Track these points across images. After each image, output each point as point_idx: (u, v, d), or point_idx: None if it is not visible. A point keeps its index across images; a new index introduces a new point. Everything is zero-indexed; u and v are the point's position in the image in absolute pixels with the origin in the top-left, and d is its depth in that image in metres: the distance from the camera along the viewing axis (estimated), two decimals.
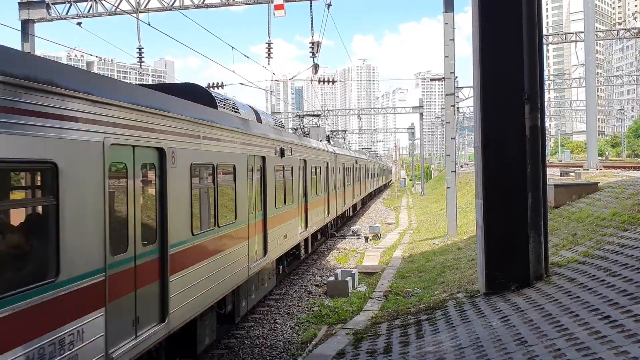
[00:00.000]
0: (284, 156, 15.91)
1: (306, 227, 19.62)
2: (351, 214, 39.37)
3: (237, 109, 13.38)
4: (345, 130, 67.30)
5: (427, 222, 34.78)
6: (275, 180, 15.10)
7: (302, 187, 19.01)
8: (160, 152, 8.25)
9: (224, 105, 12.56)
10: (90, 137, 6.43)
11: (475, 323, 9.02)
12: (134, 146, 7.50)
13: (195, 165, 9.51)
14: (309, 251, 21.54)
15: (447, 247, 21.45)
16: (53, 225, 5.82)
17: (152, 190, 8.19)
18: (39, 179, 5.96)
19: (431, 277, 15.83)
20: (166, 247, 8.25)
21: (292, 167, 17.24)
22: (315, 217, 21.21)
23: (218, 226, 10.46)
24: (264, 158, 13.91)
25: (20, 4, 24.15)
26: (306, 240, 20.31)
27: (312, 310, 14.56)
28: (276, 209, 15.04)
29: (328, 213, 24.91)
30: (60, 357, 5.79)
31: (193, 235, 9.27)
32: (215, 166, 10.43)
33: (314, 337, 11.98)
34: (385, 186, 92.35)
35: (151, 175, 8.13)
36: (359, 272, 18.33)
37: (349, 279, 16.46)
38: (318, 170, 22.56)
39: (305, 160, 19.59)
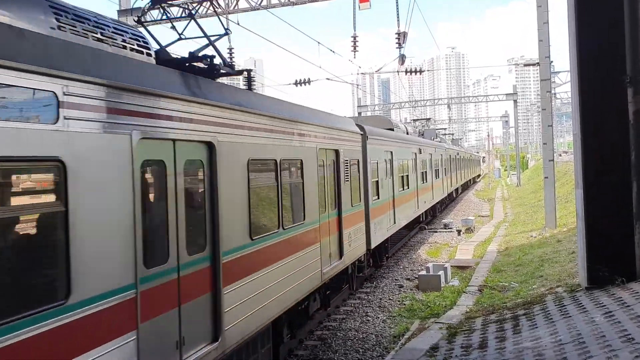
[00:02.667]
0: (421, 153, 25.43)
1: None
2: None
3: (399, 127, 24.81)
4: (445, 128, 75.44)
5: (523, 214, 33.55)
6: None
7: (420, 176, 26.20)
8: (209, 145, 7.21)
9: (397, 127, 24.18)
10: (115, 130, 5.46)
11: (576, 318, 8.62)
12: (174, 140, 6.45)
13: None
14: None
15: (545, 239, 20.61)
16: (62, 234, 4.77)
17: (199, 190, 7.15)
18: (43, 178, 4.87)
19: (528, 271, 15.29)
20: (218, 255, 7.19)
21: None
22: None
23: (425, 181, 20.21)
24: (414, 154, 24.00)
25: (119, 12, 25.58)
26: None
27: (404, 304, 14.47)
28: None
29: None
30: None
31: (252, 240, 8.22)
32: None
33: (406, 330, 11.90)
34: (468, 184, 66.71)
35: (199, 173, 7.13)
36: (451, 266, 18.00)
37: (441, 272, 16.21)
38: (436, 162, 31.67)
39: (431, 154, 29.21)
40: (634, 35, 10.15)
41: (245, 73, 9.98)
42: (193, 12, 11.58)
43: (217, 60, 8.45)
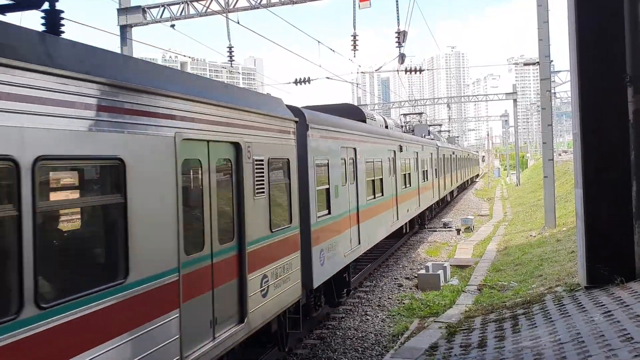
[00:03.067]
0: (402, 151, 20.82)
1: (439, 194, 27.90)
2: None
3: (374, 118, 19.32)
4: (441, 125, 71.28)
5: (523, 213, 33.55)
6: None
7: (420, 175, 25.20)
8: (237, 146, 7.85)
9: (372, 118, 18.16)
10: (161, 132, 6.13)
11: (575, 318, 8.62)
12: (208, 141, 7.11)
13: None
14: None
15: (544, 239, 20.62)
16: (122, 225, 5.53)
17: (228, 186, 7.81)
18: (105, 176, 5.62)
19: (528, 270, 15.29)
20: (244, 245, 7.87)
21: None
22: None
23: (408, 185, 17.48)
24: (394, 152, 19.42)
25: (118, 10, 25.55)
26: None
27: (403, 303, 14.47)
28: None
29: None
30: None
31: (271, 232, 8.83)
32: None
33: (405, 329, 11.90)
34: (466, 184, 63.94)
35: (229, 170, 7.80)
36: (450, 265, 18.00)
37: (440, 272, 16.21)
38: (427, 160, 28.24)
39: (417, 153, 24.78)
40: (634, 34, 10.14)
41: None
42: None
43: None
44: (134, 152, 5.65)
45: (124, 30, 25.41)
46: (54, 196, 5.17)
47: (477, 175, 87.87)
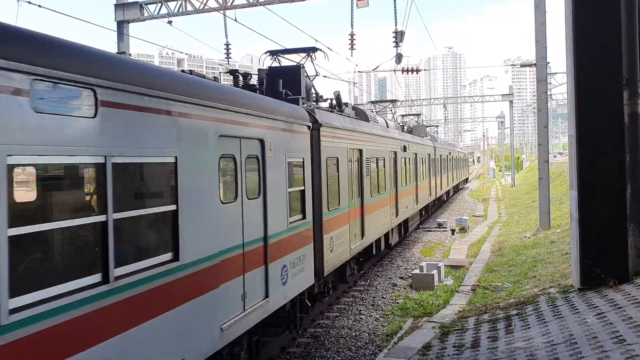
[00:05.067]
0: (405, 151, 22.46)
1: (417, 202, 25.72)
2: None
3: (377, 120, 20.02)
4: (437, 126, 72.55)
5: (517, 214, 33.63)
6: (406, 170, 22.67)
7: (415, 173, 25.64)
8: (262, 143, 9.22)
9: (374, 120, 19.45)
10: (344, 146, 10.79)
11: (568, 319, 8.65)
12: (240, 138, 8.40)
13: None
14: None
15: (539, 240, 20.66)
16: (337, 184, 10.26)
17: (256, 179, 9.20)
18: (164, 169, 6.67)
19: (522, 271, 15.32)
20: (267, 237, 9.20)
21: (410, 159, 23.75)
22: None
23: (379, 193, 17.16)
24: (395, 152, 20.76)
25: (115, 6, 25.46)
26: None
27: (397, 303, 14.49)
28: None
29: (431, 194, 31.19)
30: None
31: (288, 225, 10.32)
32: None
33: (399, 329, 11.92)
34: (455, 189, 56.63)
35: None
36: (445, 265, 18.03)
37: (434, 272, 16.23)
38: (423, 161, 28.76)
39: (416, 153, 25.81)
40: (631, 37, 10.17)
41: (330, 101, 15.25)
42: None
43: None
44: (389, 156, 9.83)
45: (121, 26, 25.31)
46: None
47: (467, 180, 78.11)
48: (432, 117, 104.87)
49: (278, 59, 14.96)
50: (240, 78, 11.78)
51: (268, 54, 14.91)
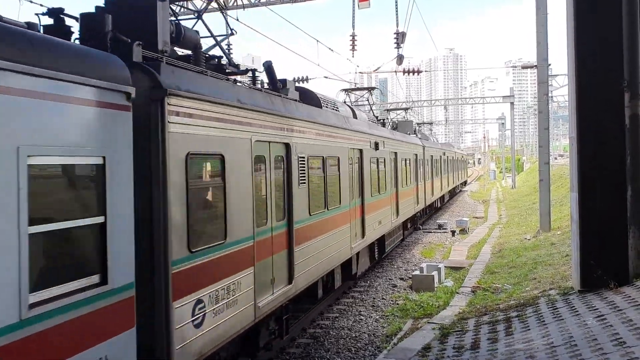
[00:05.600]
0: (377, 149, 17.57)
1: (397, 215, 21.08)
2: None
3: (337, 108, 15.09)
4: (432, 123, 63.31)
5: (518, 216, 33.61)
6: (371, 171, 16.80)
7: (395, 177, 21.13)
8: (287, 146, 10.19)
9: (327, 105, 14.13)
10: (243, 136, 8.42)
11: (568, 321, 8.64)
12: (269, 142, 9.43)
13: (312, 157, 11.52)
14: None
15: (539, 242, 20.65)
16: (223, 198, 7.73)
17: (281, 176, 10.12)
18: (213, 166, 7.63)
19: (522, 273, 15.32)
20: (292, 223, 10.22)
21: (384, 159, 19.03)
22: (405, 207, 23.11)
23: (327, 209, 12.48)
24: (361, 151, 15.81)
25: None
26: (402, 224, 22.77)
27: (397, 304, 14.48)
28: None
29: (417, 203, 26.95)
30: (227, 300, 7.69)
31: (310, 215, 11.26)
32: (324, 158, 12.37)
33: (399, 330, 11.92)
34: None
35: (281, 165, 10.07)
36: (445, 266, 18.01)
37: (434, 273, 16.22)
38: (408, 162, 24.24)
39: (395, 153, 21.25)
40: (632, 40, 10.18)
41: (251, 73, 10.70)
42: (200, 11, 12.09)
43: (224, 60, 9.63)
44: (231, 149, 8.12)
45: None
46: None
47: (465, 183, 71.24)
48: (434, 119, 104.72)
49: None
50: None
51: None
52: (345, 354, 11.03)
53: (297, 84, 13.17)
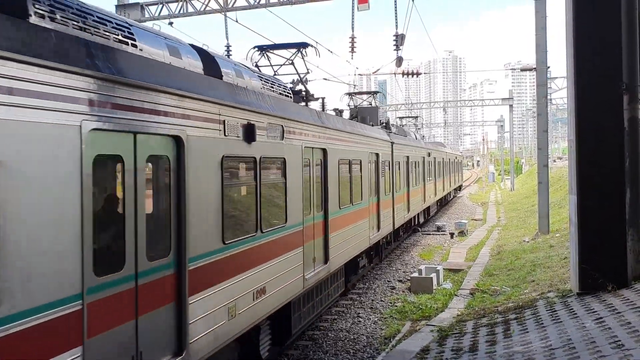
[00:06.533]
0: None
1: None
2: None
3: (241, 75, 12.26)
4: (417, 117, 49.01)
5: (516, 218, 33.63)
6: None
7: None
8: (324, 151, 12.52)
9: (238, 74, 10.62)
10: (366, 150, 12.15)
11: (567, 324, 8.64)
12: (372, 152, 12.92)
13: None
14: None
15: (538, 244, 20.66)
16: (284, 194, 9.97)
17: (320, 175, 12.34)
18: (280, 166, 9.97)
19: (520, 275, 15.32)
20: (327, 215, 12.53)
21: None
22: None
23: (352, 204, 14.73)
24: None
25: (117, 6, 25.47)
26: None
27: (396, 306, 14.48)
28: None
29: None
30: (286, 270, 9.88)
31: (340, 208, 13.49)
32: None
33: (397, 332, 11.92)
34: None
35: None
36: (443, 268, 18.02)
37: (433, 275, 16.22)
38: (359, 167, 17.10)
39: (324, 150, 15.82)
40: (631, 43, 10.19)
41: (321, 100, 14.46)
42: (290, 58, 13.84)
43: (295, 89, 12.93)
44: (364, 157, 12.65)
45: None
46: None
47: (461, 187, 63.12)
48: (433, 121, 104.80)
49: (266, 55, 13.73)
50: None
51: (256, 49, 13.74)
52: (344, 355, 11.02)
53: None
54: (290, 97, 11.76)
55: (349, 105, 23.13)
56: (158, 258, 6.38)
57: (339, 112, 19.22)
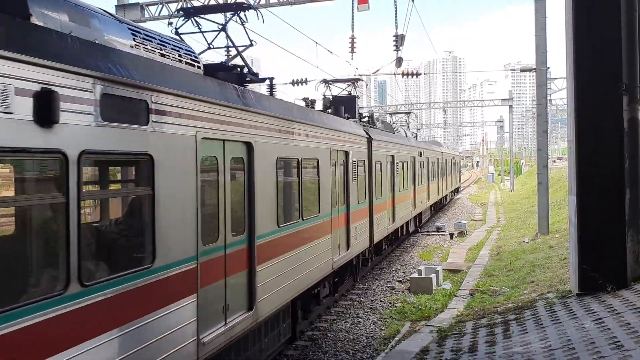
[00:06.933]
0: None
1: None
2: None
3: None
4: (409, 113, 41.85)
5: (516, 219, 33.63)
6: None
7: None
8: (346, 153, 14.36)
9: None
10: (325, 146, 12.39)
11: (566, 324, 8.64)
12: (337, 150, 13.48)
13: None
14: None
15: (537, 245, 20.66)
16: (317, 191, 11.83)
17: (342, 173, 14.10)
18: (315, 166, 11.78)
19: (520, 276, 15.32)
20: (349, 207, 14.60)
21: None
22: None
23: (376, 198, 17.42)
24: None
25: (116, 6, 25.47)
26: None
27: (395, 306, 14.47)
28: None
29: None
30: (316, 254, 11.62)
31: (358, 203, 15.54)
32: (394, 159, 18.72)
33: (397, 332, 11.91)
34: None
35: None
36: (443, 269, 18.02)
37: (432, 275, 16.22)
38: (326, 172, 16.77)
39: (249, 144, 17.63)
40: (631, 43, 10.19)
41: (268, 81, 12.06)
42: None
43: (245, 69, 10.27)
44: (322, 156, 12.24)
45: None
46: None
47: (458, 190, 58.98)
48: (432, 121, 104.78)
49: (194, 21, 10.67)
50: None
51: (181, 13, 10.65)
52: (343, 356, 11.02)
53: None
54: (200, 67, 8.58)
55: (324, 95, 19.50)
56: (238, 234, 8.41)
57: (309, 103, 17.00)
